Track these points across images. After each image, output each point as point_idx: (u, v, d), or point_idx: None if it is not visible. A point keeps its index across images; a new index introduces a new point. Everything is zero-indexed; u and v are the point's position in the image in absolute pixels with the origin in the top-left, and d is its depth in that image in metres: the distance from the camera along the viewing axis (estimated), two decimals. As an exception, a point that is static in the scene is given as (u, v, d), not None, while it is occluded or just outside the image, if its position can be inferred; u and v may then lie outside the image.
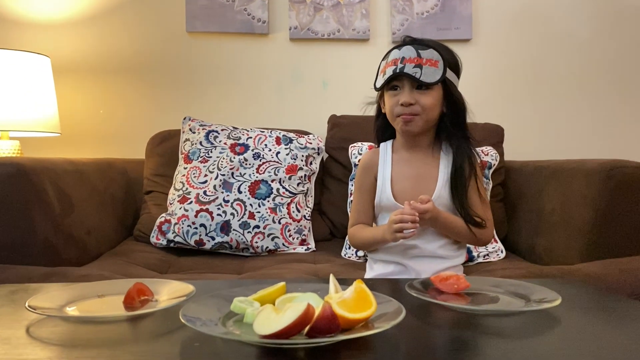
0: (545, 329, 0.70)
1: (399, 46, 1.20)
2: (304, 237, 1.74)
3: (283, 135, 1.84)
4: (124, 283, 0.83)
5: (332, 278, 0.76)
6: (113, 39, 2.14)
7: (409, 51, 1.17)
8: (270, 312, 0.62)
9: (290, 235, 1.71)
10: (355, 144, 1.84)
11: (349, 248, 1.66)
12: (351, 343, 0.61)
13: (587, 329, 0.72)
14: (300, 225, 1.74)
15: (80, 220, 1.53)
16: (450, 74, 1.19)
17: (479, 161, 1.26)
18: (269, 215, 1.69)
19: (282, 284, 0.76)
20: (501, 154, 1.88)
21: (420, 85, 1.17)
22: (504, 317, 0.76)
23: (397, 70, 1.16)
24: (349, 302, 0.65)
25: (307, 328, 0.59)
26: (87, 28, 2.12)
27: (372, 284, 0.99)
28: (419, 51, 1.16)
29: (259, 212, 1.68)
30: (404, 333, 0.67)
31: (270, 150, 1.79)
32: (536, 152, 2.08)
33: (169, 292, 0.81)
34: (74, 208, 1.52)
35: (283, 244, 1.70)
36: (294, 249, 1.71)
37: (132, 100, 2.16)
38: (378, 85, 1.22)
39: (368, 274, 1.28)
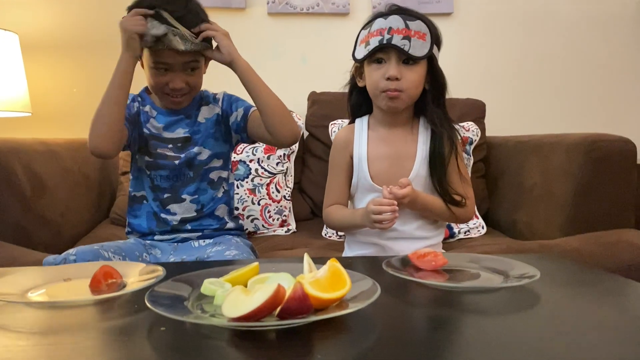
0: (524, 305, 0.69)
1: (384, 15, 1.11)
2: (284, 217, 1.71)
3: (261, 113, 1.79)
4: (91, 266, 0.79)
5: (306, 257, 0.74)
6: (85, 13, 2.06)
7: (396, 21, 1.08)
8: (240, 294, 0.59)
9: (270, 217, 1.68)
10: (335, 122, 1.81)
11: (330, 227, 1.64)
12: (325, 323, 0.59)
13: (566, 304, 0.71)
14: (281, 206, 1.71)
15: (53, 202, 1.49)
16: (434, 49, 1.13)
17: (459, 139, 1.21)
18: (248, 197, 1.66)
19: (255, 264, 0.73)
20: (482, 129, 1.86)
21: (406, 60, 1.11)
22: (483, 293, 0.75)
23: (384, 42, 1.08)
24: (323, 281, 0.63)
25: (278, 309, 0.57)
26: (57, 2, 2.04)
27: (350, 262, 0.98)
28: (407, 22, 1.08)
29: (237, 193, 1.65)
30: (379, 312, 0.65)
31: (248, 128, 1.74)
32: (518, 127, 2.06)
33: (137, 274, 0.78)
34: (46, 190, 1.48)
35: (263, 226, 1.67)
36: (274, 230, 1.69)
37: (106, 77, 2.04)
38: (360, 56, 1.13)
39: (346, 253, 1.26)
